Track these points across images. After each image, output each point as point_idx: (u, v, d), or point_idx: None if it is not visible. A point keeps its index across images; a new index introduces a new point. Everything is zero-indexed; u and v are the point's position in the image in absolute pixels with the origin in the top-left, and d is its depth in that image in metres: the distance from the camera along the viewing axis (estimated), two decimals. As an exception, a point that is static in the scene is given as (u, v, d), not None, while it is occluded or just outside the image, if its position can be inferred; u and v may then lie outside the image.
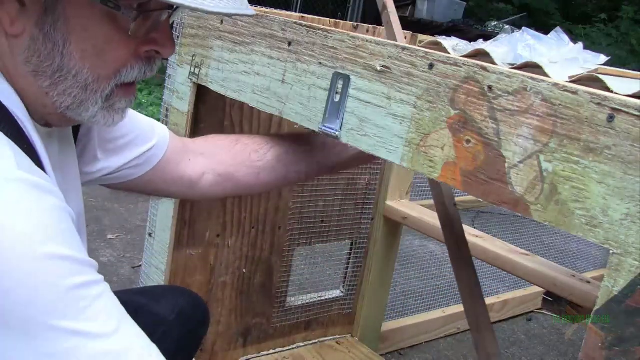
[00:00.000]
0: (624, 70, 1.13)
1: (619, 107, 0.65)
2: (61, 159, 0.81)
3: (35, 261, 0.58)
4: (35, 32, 0.68)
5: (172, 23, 0.77)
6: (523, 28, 1.08)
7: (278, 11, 1.48)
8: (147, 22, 0.70)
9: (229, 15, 0.72)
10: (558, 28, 1.09)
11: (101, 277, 0.65)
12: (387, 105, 0.89)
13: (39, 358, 0.58)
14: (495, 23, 8.65)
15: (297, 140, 1.13)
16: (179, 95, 1.33)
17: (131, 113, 0.94)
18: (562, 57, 1.00)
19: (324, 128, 0.98)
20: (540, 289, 1.44)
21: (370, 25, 1.60)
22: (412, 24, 6.76)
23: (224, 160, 1.08)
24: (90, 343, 0.60)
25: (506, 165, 0.75)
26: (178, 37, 1.33)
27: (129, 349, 0.64)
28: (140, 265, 1.62)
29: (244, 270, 1.58)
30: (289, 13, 1.51)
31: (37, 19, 0.68)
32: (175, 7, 0.69)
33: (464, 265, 1.15)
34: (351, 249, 1.85)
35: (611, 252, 0.65)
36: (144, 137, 0.99)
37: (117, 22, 0.69)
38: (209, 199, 1.09)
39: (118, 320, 0.64)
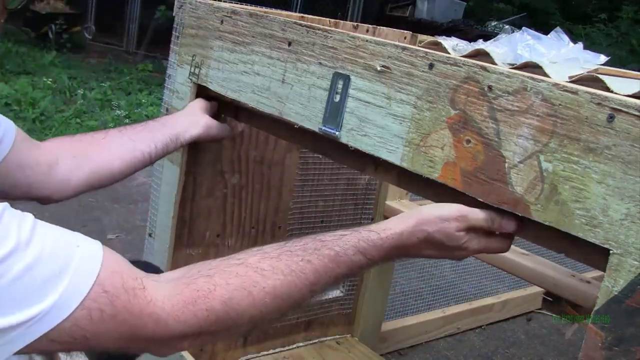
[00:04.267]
0: (624, 70, 1.13)
1: (619, 107, 0.65)
2: None
3: None
4: None
5: None
6: (523, 28, 1.08)
7: (278, 11, 1.48)
8: None
9: None
10: (558, 28, 1.08)
11: None
12: (387, 105, 0.89)
13: None
14: (495, 23, 8.66)
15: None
16: (179, 95, 1.32)
17: None
18: (562, 57, 1.00)
19: (324, 128, 0.98)
20: (540, 289, 1.44)
21: (370, 25, 1.60)
22: (412, 24, 6.76)
23: (73, 144, 1.09)
24: (10, 264, 0.59)
25: (506, 165, 0.75)
26: (178, 37, 1.33)
27: (56, 245, 0.64)
28: (140, 265, 1.62)
29: (244, 270, 1.58)
30: (289, 13, 1.51)
31: None
32: None
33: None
34: (351, 249, 1.84)
35: (611, 252, 0.65)
36: None
37: None
38: (75, 192, 1.07)
39: (31, 226, 0.63)
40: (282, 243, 0.79)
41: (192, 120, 1.20)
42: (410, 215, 0.81)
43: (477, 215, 0.79)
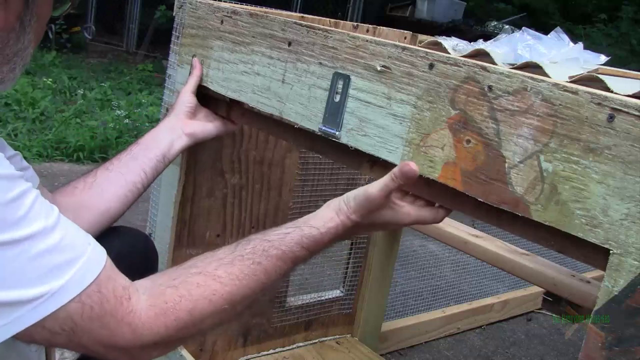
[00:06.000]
0: (624, 70, 1.13)
1: (619, 107, 0.65)
2: None
3: None
4: (15, 26, 0.76)
5: None
6: (523, 28, 1.08)
7: (278, 11, 1.48)
8: None
9: None
10: (558, 28, 1.08)
11: (30, 184, 0.70)
12: (387, 105, 0.89)
13: None
14: (495, 23, 8.64)
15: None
16: (179, 95, 1.32)
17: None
18: (562, 57, 1.00)
19: (324, 128, 0.98)
20: (540, 289, 1.44)
21: (370, 25, 1.60)
22: (412, 24, 6.76)
23: (69, 196, 1.08)
24: (35, 243, 0.66)
25: (506, 165, 0.75)
26: (178, 37, 1.33)
27: (73, 238, 0.72)
28: (140, 265, 1.62)
29: (244, 270, 1.58)
30: (289, 13, 1.51)
31: (19, 13, 0.76)
32: None
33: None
34: (351, 249, 1.84)
35: (611, 252, 0.65)
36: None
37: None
38: None
39: (56, 216, 0.71)
40: (233, 247, 0.86)
41: (173, 134, 1.18)
42: (340, 209, 0.88)
43: (380, 183, 0.85)
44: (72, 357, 1.03)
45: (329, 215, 0.88)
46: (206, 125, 1.23)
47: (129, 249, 1.10)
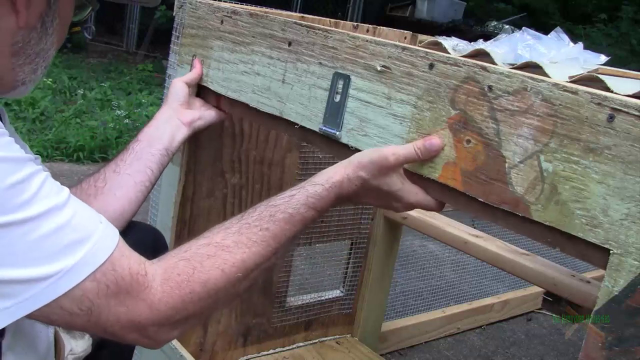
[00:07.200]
0: (624, 70, 1.13)
1: (619, 107, 0.65)
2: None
3: None
4: (37, 25, 0.78)
5: None
6: (523, 28, 1.08)
7: (278, 11, 1.48)
8: None
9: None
10: (558, 28, 1.08)
11: (39, 167, 0.70)
12: (387, 105, 0.89)
13: (2, 250, 0.65)
14: (495, 23, 8.64)
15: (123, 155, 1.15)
16: (179, 95, 1.32)
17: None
18: (562, 57, 1.00)
19: (324, 128, 0.98)
20: (540, 289, 1.44)
21: (370, 25, 1.60)
22: (412, 24, 6.76)
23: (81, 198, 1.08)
24: (44, 221, 0.67)
25: (506, 165, 0.75)
26: (178, 37, 1.33)
27: (84, 217, 0.71)
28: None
29: (244, 270, 1.58)
30: (289, 13, 1.50)
31: (41, 13, 0.77)
32: None
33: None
34: (351, 248, 1.85)
35: (611, 252, 0.65)
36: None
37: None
38: None
39: (67, 196, 0.71)
40: (240, 216, 0.85)
41: (173, 126, 1.18)
42: (349, 162, 0.87)
43: (402, 149, 0.84)
44: (83, 348, 1.02)
45: (334, 169, 0.86)
46: (203, 114, 1.23)
47: (138, 243, 1.10)
